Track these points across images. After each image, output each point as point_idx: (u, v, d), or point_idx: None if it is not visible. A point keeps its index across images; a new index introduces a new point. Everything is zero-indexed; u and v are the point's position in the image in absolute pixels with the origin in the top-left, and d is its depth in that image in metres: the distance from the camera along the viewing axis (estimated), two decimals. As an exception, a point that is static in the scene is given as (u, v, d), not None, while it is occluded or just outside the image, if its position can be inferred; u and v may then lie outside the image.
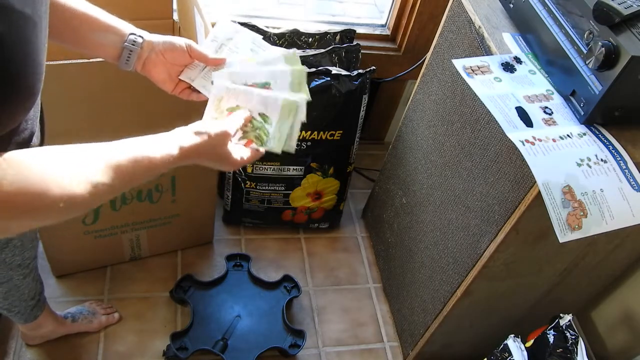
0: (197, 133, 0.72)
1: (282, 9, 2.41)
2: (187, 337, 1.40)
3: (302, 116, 0.82)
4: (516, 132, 0.89)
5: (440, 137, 1.27)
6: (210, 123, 0.75)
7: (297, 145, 1.48)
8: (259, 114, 0.82)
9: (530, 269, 1.15)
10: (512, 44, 1.06)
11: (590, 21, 0.87)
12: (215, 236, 1.69)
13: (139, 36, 0.81)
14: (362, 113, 1.49)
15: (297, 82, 0.85)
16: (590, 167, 0.86)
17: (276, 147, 0.80)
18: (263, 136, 0.81)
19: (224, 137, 0.74)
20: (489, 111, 0.92)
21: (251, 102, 0.82)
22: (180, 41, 0.83)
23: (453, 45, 1.20)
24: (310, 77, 1.39)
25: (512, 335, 1.13)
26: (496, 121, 0.91)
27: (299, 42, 1.55)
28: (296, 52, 0.86)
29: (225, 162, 0.76)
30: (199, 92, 0.87)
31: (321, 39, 1.56)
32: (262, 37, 0.92)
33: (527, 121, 0.91)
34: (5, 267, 1.06)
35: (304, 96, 0.83)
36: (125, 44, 0.80)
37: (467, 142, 1.15)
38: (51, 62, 1.02)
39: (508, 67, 1.01)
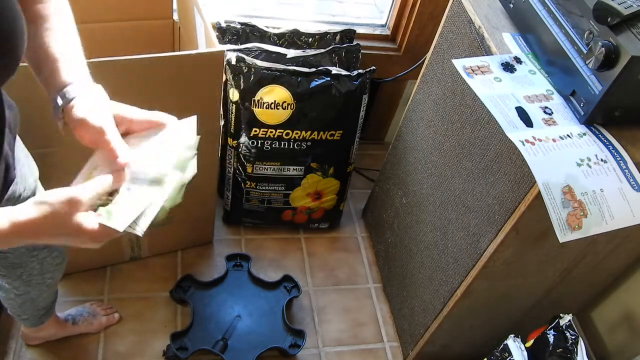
0: (36, 204, 0.60)
1: (282, 9, 2.41)
2: (187, 337, 1.40)
3: (161, 199, 0.69)
4: (516, 132, 0.89)
5: (440, 137, 1.27)
6: (54, 191, 0.61)
7: (298, 145, 1.48)
8: (127, 188, 0.69)
9: (530, 269, 1.15)
10: (512, 44, 1.06)
11: (590, 21, 0.87)
12: (215, 236, 1.69)
13: (66, 98, 0.68)
14: (362, 113, 1.49)
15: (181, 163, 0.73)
16: (590, 167, 0.86)
17: (118, 225, 0.64)
18: (113, 211, 0.66)
19: (70, 205, 0.60)
20: (489, 111, 0.92)
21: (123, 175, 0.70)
22: (96, 121, 0.67)
23: (453, 45, 1.20)
24: (310, 77, 1.39)
25: (512, 335, 1.13)
26: (496, 121, 0.91)
27: (299, 42, 1.55)
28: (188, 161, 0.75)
29: (78, 235, 0.62)
30: None
31: (321, 39, 1.56)
32: None
33: (527, 121, 0.91)
34: (22, 283, 1.07)
35: (180, 175, 0.72)
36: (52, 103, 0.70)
37: (467, 142, 1.15)
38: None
39: (508, 67, 1.01)
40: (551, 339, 1.07)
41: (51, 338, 1.36)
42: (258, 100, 1.39)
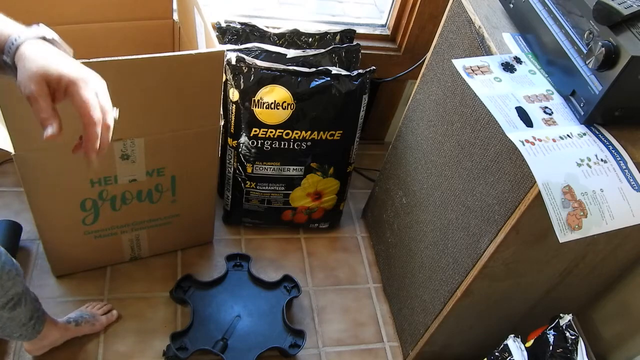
0: None
1: (282, 9, 2.41)
2: (187, 337, 1.40)
3: None
4: (516, 132, 0.89)
5: (440, 137, 1.27)
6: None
7: (298, 145, 1.48)
8: None
9: (530, 269, 1.15)
10: (512, 44, 1.06)
11: (590, 21, 0.87)
12: (215, 236, 1.69)
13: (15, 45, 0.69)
14: (362, 113, 1.49)
15: None
16: (590, 167, 0.86)
17: None
18: None
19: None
20: (489, 111, 0.92)
21: None
22: (54, 68, 0.68)
23: (453, 45, 1.20)
24: (310, 77, 1.39)
25: (512, 335, 1.13)
26: (496, 121, 0.91)
27: (299, 42, 1.55)
28: None
29: None
30: None
31: (321, 39, 1.56)
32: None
33: (527, 121, 0.91)
34: None
35: None
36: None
37: (467, 142, 1.15)
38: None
39: (508, 67, 1.01)
40: (551, 339, 1.07)
41: (57, 343, 1.33)
42: (258, 100, 1.39)
